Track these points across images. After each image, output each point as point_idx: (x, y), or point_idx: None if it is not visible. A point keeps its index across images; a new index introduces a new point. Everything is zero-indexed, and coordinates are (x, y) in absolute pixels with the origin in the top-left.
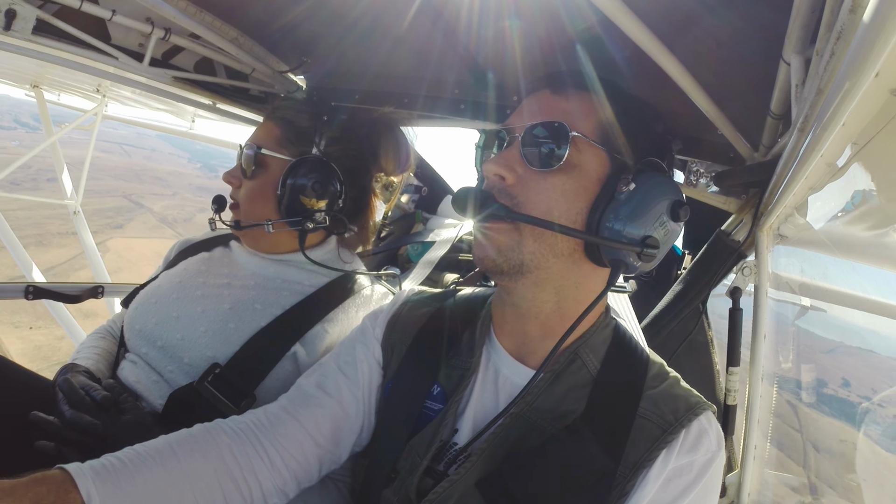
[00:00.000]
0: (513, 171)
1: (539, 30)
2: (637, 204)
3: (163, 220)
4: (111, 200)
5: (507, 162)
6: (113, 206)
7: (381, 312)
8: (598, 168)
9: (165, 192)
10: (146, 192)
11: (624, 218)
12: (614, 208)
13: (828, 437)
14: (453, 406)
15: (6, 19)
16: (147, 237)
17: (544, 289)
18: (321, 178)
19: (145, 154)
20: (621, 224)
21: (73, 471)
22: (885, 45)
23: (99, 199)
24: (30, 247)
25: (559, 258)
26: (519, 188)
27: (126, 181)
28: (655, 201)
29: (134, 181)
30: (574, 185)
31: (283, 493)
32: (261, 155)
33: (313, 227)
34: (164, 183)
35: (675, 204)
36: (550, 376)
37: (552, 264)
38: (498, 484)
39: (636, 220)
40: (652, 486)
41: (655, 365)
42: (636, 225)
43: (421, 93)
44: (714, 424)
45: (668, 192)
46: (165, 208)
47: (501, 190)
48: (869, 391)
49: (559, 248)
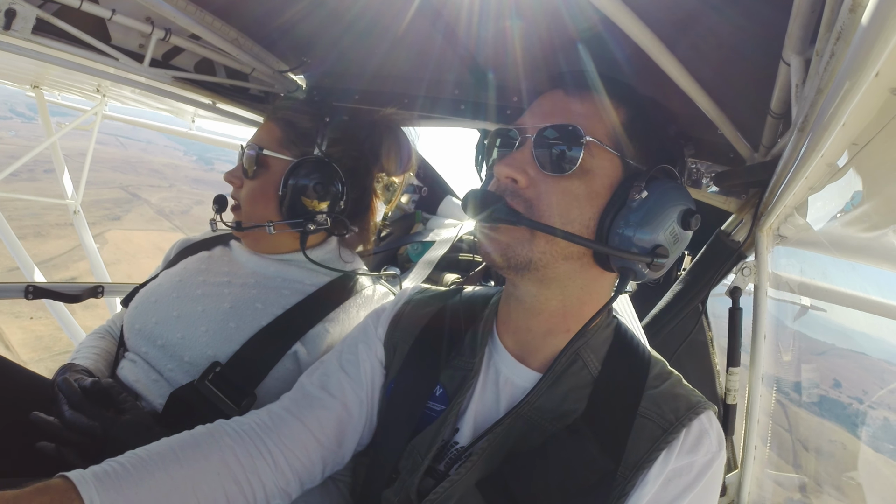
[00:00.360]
0: (525, 173)
1: (539, 30)
2: (648, 212)
3: (160, 213)
4: (108, 192)
5: (520, 164)
6: (110, 197)
7: (384, 311)
8: (611, 173)
9: (162, 185)
10: (143, 183)
11: (635, 225)
12: (625, 215)
13: (819, 437)
14: (455, 407)
15: (6, 19)
16: (145, 229)
17: (549, 287)
18: (323, 179)
19: (141, 146)
20: (632, 231)
21: (75, 478)
22: (885, 45)
23: (96, 191)
24: (28, 237)
25: (568, 261)
26: (531, 191)
27: (123, 173)
28: (667, 210)
29: (131, 173)
30: (586, 190)
31: (286, 494)
32: (262, 155)
33: (315, 228)
34: (160, 175)
35: (686, 212)
36: (551, 377)
37: (560, 265)
38: (498, 484)
39: (646, 229)
40: (652, 486)
41: (657, 365)
42: (647, 233)
43: (421, 93)
44: (715, 424)
45: (680, 200)
46: (162, 200)
47: (513, 192)
48: (860, 392)
49: (569, 251)
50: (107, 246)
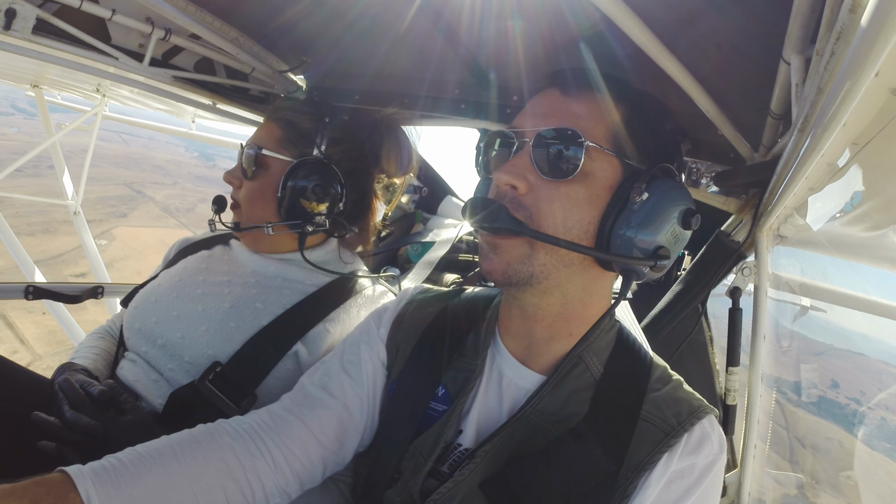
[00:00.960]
0: (524, 180)
1: (540, 29)
2: (649, 214)
3: (165, 210)
4: (113, 188)
5: (519, 170)
6: (115, 194)
7: (386, 311)
8: (611, 175)
9: (166, 182)
10: (147, 180)
11: (636, 227)
12: (627, 217)
13: (816, 435)
14: (458, 408)
15: (6, 19)
16: (151, 226)
17: (552, 294)
18: (322, 180)
19: (143, 142)
20: (633, 233)
21: (72, 472)
22: (885, 45)
23: (101, 187)
24: (37, 234)
25: (569, 267)
26: (531, 198)
27: (126, 169)
28: (668, 210)
29: (134, 169)
30: (587, 194)
31: (285, 494)
32: (262, 156)
33: (313, 230)
34: (163, 172)
35: (687, 212)
36: (554, 380)
37: (561, 273)
38: (501, 486)
39: (648, 230)
40: (654, 488)
41: (658, 368)
42: (648, 235)
43: (421, 93)
44: (716, 428)
45: (680, 200)
46: (167, 198)
47: (514, 200)
48: (858, 393)
49: (570, 258)
50: (115, 242)
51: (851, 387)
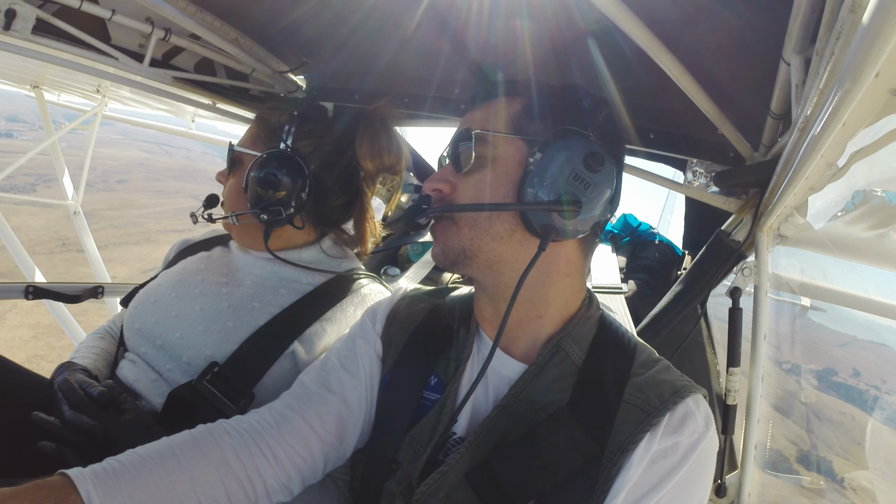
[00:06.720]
0: (447, 181)
1: (541, 30)
2: (543, 168)
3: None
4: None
5: (442, 176)
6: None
7: (381, 307)
8: (517, 154)
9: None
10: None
11: (537, 185)
12: (528, 180)
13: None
14: (451, 394)
15: (6, 19)
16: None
17: (501, 272)
18: (278, 169)
19: (183, 154)
20: (535, 189)
21: (73, 475)
22: (885, 45)
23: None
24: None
25: (499, 240)
26: (455, 195)
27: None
28: (559, 159)
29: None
30: (495, 175)
31: (287, 490)
32: (236, 152)
33: (269, 218)
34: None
35: (588, 156)
36: (535, 368)
37: (494, 247)
38: (486, 474)
39: (546, 183)
40: (636, 468)
41: (643, 353)
42: (547, 186)
43: (421, 93)
44: (703, 406)
45: (576, 147)
46: None
47: (439, 199)
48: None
49: (495, 230)
50: None
51: (860, 380)
